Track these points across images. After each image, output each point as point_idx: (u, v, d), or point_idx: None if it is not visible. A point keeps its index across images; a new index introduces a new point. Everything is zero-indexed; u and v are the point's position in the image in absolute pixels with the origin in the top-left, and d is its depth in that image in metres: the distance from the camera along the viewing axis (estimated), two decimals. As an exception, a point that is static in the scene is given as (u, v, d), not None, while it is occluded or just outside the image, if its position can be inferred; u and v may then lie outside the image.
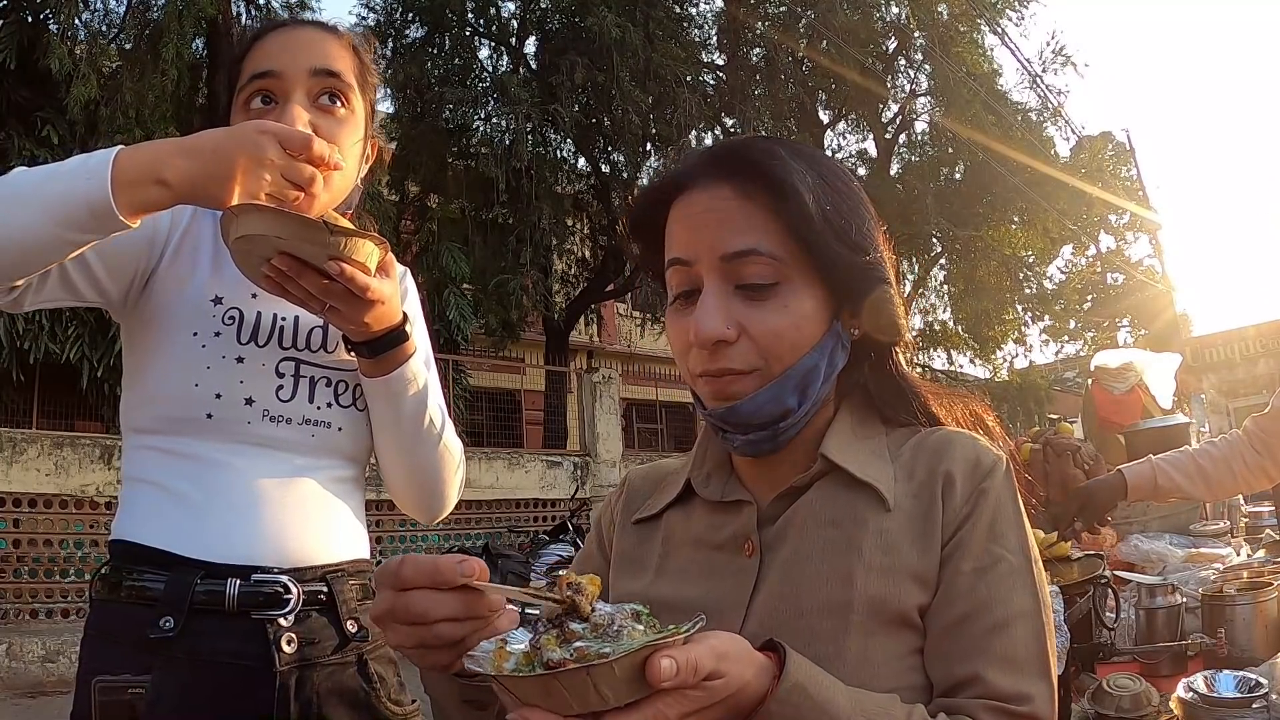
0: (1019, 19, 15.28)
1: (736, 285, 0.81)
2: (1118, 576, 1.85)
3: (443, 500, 1.23)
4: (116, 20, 9.58)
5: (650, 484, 0.97)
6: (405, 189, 12.68)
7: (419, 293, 1.33)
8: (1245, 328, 15.61)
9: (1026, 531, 0.81)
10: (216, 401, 1.08)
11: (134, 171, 0.91)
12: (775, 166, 0.81)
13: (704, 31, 14.17)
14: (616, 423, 11.61)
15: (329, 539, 1.14)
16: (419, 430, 1.15)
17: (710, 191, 0.82)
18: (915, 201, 14.24)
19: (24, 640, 6.56)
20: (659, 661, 0.57)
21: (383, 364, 1.10)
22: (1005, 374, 18.12)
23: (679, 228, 0.84)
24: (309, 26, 1.18)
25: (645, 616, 0.64)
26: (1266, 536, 2.33)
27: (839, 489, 0.82)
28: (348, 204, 1.20)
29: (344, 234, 0.95)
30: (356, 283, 0.97)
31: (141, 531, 1.08)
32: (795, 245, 0.80)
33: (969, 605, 0.76)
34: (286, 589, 1.07)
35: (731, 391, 0.81)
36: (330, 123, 1.12)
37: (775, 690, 0.64)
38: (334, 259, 0.95)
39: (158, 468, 1.10)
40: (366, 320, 1.03)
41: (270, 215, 0.93)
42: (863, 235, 0.84)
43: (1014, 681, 0.74)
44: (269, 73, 1.10)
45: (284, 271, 0.95)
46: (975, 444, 0.84)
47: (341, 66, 1.14)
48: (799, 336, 0.81)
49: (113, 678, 1.03)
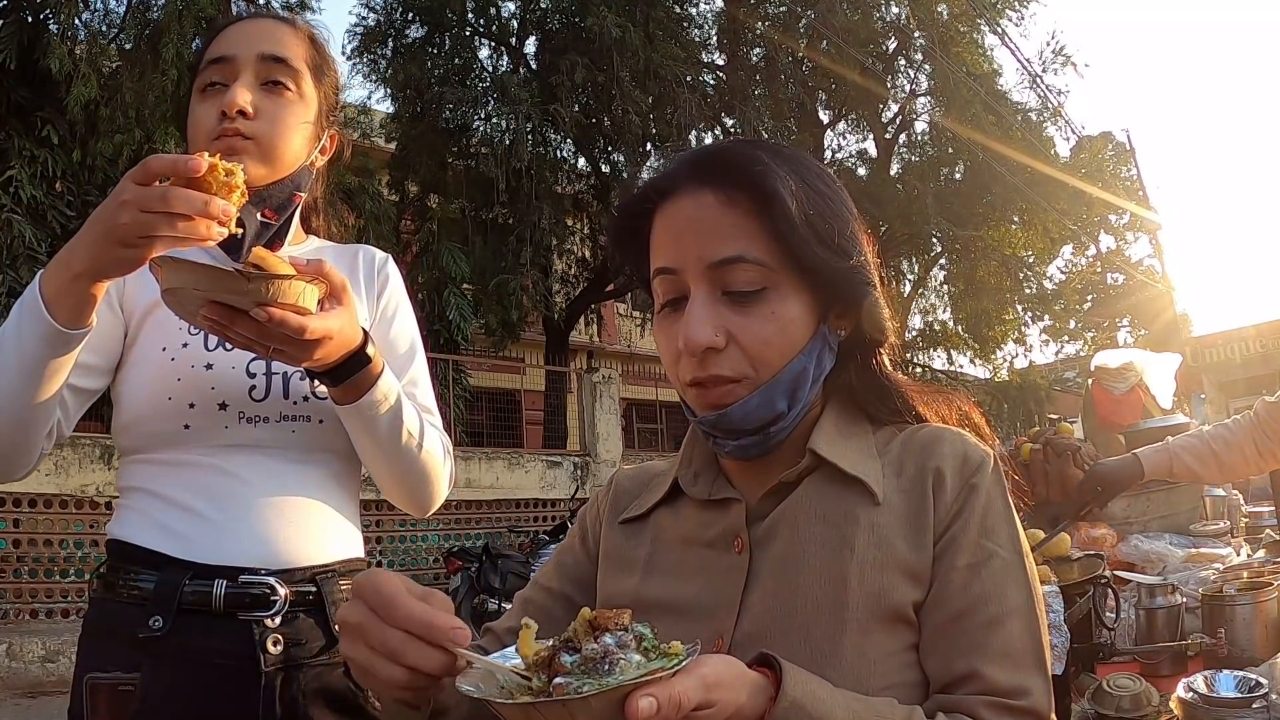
0: (1019, 19, 15.30)
1: (723, 292, 0.81)
2: (1118, 576, 1.85)
3: (432, 497, 1.23)
4: (116, 20, 9.57)
5: (638, 485, 0.97)
6: (405, 189, 12.68)
7: (419, 293, 1.33)
8: (1245, 328, 15.58)
9: (1017, 526, 0.81)
10: (191, 411, 1.10)
11: (55, 284, 0.95)
12: (758, 172, 0.80)
13: (704, 31, 14.17)
14: (616, 423, 11.61)
15: (319, 539, 1.14)
16: (398, 445, 1.14)
17: (694, 198, 0.82)
18: (915, 201, 14.22)
19: (24, 640, 6.56)
20: (637, 701, 0.57)
21: (349, 391, 1.07)
22: (1005, 374, 18.11)
23: (663, 236, 0.84)
24: (266, 18, 1.21)
25: (649, 641, 0.63)
26: (1266, 536, 2.32)
27: (828, 484, 0.82)
28: (296, 185, 1.20)
29: (264, 279, 0.92)
30: (289, 326, 0.93)
31: (134, 532, 1.10)
32: (780, 250, 0.80)
33: (964, 601, 0.76)
34: (273, 590, 1.08)
35: (722, 401, 0.81)
36: (275, 103, 1.16)
37: (772, 711, 0.64)
38: (261, 305, 0.91)
39: (146, 476, 1.12)
40: (316, 357, 1.00)
41: (187, 268, 0.91)
42: (846, 239, 0.84)
43: (1011, 676, 0.74)
44: (222, 58, 1.15)
45: (217, 320, 0.93)
46: (964, 440, 0.84)
47: (291, 53, 1.18)
48: (786, 342, 0.81)
49: (104, 675, 1.05)
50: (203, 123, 1.15)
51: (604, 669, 0.60)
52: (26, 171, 8.10)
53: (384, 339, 1.25)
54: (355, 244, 1.33)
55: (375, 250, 1.32)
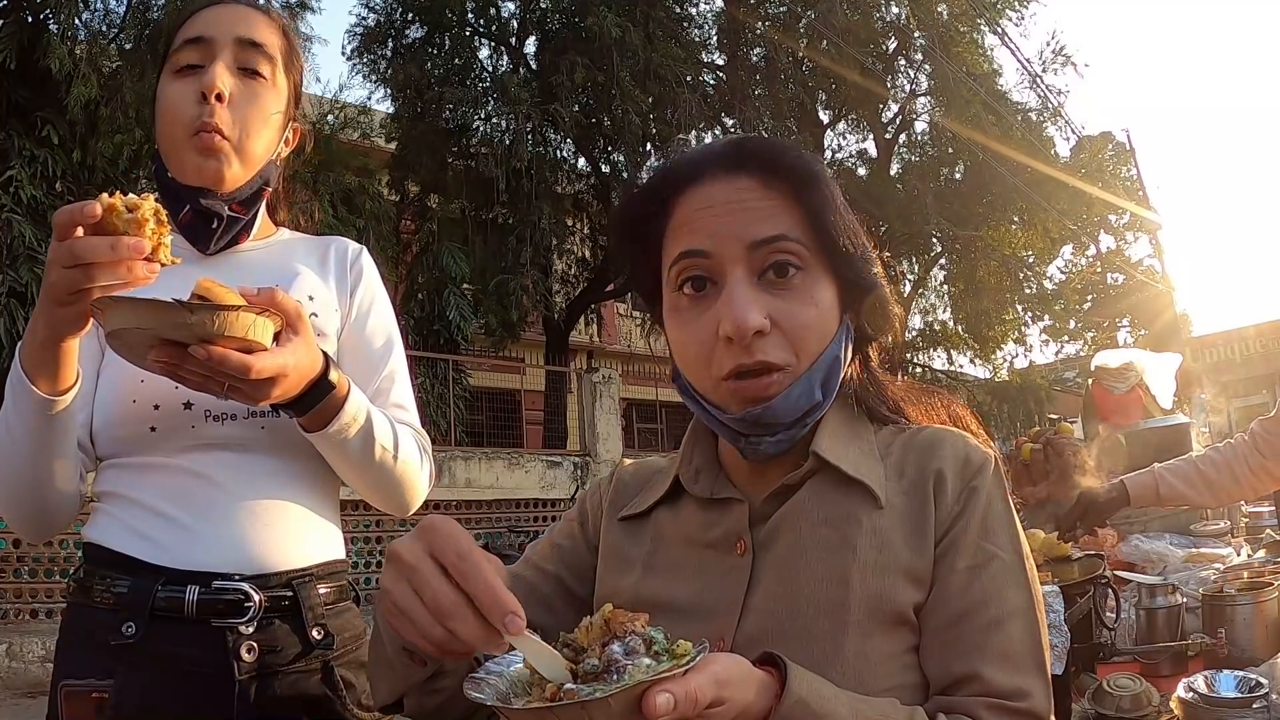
0: (1019, 19, 15.30)
1: (759, 276, 0.80)
2: (1118, 576, 1.84)
3: (411, 501, 1.20)
4: (116, 20, 9.58)
5: (639, 481, 0.96)
6: (405, 189, 12.69)
7: (418, 293, 1.33)
8: (1245, 328, 15.59)
9: (1017, 528, 0.81)
10: (156, 413, 1.08)
11: (29, 357, 0.97)
12: (796, 157, 0.81)
13: (704, 31, 14.19)
14: (616, 423, 11.61)
15: (295, 542, 1.12)
16: (371, 462, 1.11)
17: (729, 183, 0.81)
18: (915, 201, 14.24)
19: (24, 640, 6.56)
20: (655, 698, 0.57)
21: (314, 419, 1.04)
22: (1005, 374, 18.11)
23: (692, 220, 0.82)
24: (240, 4, 1.20)
25: (660, 644, 0.63)
26: (1266, 536, 2.32)
27: (831, 487, 0.82)
28: (264, 178, 1.20)
29: (209, 311, 0.86)
30: (230, 364, 0.88)
31: (106, 536, 1.08)
32: (815, 236, 0.81)
33: (964, 604, 0.76)
34: (247, 596, 1.05)
35: (764, 393, 0.79)
36: (248, 90, 1.15)
37: (778, 708, 0.64)
38: (204, 340, 0.87)
39: (119, 481, 1.10)
40: (274, 395, 0.96)
41: (126, 305, 0.87)
42: (858, 234, 0.85)
43: (1011, 678, 0.74)
44: (199, 39, 1.15)
45: (166, 360, 0.89)
46: (965, 442, 0.84)
47: (266, 40, 1.18)
48: (824, 329, 0.81)
49: (78, 682, 1.04)
50: (180, 105, 1.13)
51: (610, 679, 0.60)
52: (26, 171, 8.10)
53: (359, 335, 1.23)
54: (328, 235, 1.30)
55: (348, 242, 1.29)
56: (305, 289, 1.17)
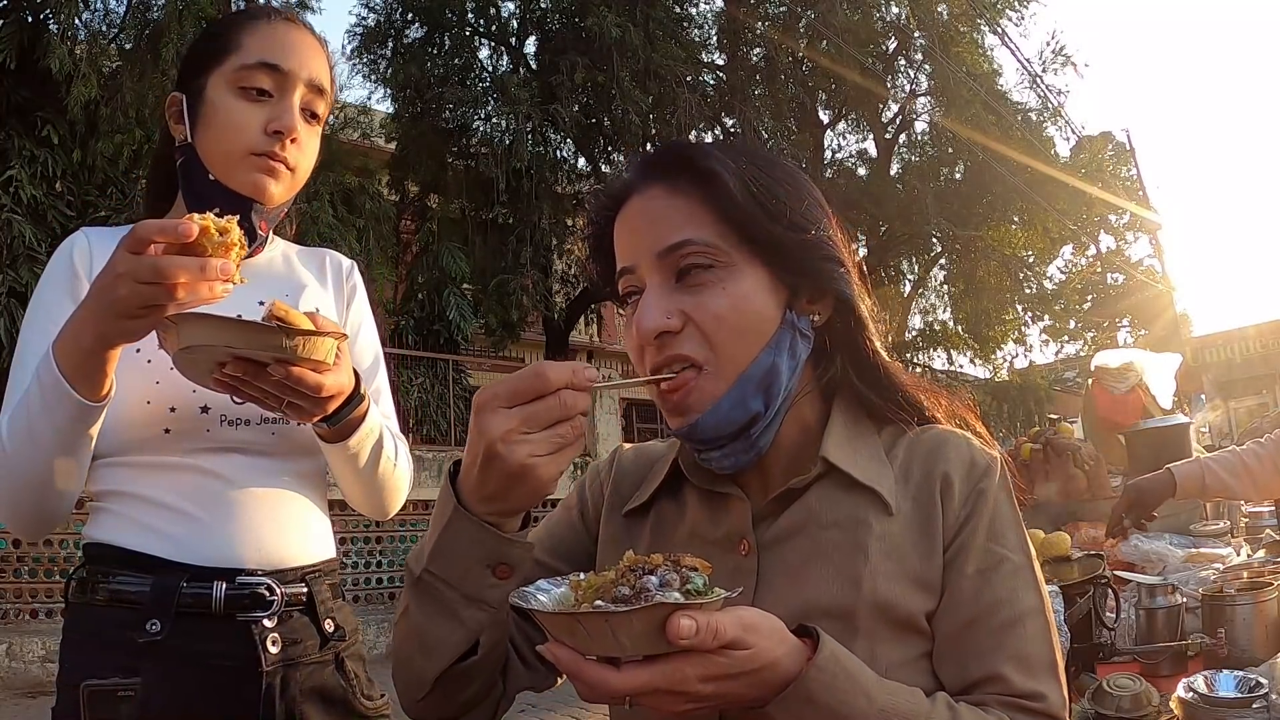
0: (1019, 19, 15.27)
1: (676, 279, 0.81)
2: (1118, 576, 1.84)
3: (393, 507, 1.25)
4: (116, 20, 9.56)
5: (640, 468, 0.96)
6: (405, 189, 12.67)
7: (418, 293, 1.35)
8: (1245, 328, 15.57)
9: (1023, 530, 0.82)
10: (171, 415, 1.09)
11: (70, 361, 0.94)
12: (698, 158, 0.82)
13: (704, 31, 14.16)
14: (616, 423, 11.62)
15: (305, 540, 1.16)
16: (375, 472, 1.17)
17: (643, 196, 0.83)
18: (915, 201, 14.21)
19: (24, 640, 6.56)
20: (679, 620, 0.59)
21: (340, 431, 1.09)
22: (1005, 374, 18.10)
23: (620, 238, 0.85)
24: (307, 32, 1.21)
25: (694, 585, 0.64)
26: (1266, 536, 2.32)
27: (839, 491, 0.82)
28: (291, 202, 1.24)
29: (298, 335, 0.91)
30: (306, 384, 0.94)
31: (115, 534, 1.09)
32: (729, 230, 0.81)
33: (977, 607, 0.77)
34: (270, 590, 1.09)
35: (688, 402, 0.80)
36: (309, 133, 1.19)
37: (814, 659, 0.66)
38: (282, 361, 0.91)
39: (126, 479, 1.10)
40: (327, 410, 1.02)
41: (212, 324, 0.88)
42: (801, 214, 0.83)
43: (1026, 680, 0.75)
44: (276, 67, 1.15)
45: (239, 376, 0.92)
46: (969, 444, 0.84)
47: (326, 83, 1.20)
48: (743, 320, 0.80)
49: (101, 681, 1.04)
50: (247, 129, 1.13)
51: (644, 598, 0.62)
52: (26, 171, 8.08)
53: (351, 350, 1.24)
54: (320, 247, 1.35)
55: (341, 256, 1.34)
56: (312, 301, 1.22)
